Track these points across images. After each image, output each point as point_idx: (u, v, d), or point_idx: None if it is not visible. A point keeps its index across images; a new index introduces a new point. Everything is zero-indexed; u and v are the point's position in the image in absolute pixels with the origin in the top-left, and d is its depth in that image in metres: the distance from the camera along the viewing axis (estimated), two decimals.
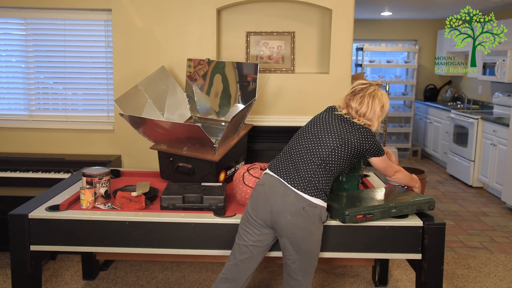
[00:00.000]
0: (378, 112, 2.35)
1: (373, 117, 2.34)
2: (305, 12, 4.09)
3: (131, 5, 3.88)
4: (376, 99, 2.36)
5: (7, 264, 3.49)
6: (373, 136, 2.33)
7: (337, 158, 2.25)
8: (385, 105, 2.40)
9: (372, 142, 2.33)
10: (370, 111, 2.33)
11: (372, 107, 2.34)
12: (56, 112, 4.21)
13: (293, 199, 2.18)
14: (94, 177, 2.57)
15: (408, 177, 2.62)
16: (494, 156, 5.52)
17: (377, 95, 2.37)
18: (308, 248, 2.22)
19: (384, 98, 2.39)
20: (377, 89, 2.41)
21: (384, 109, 2.39)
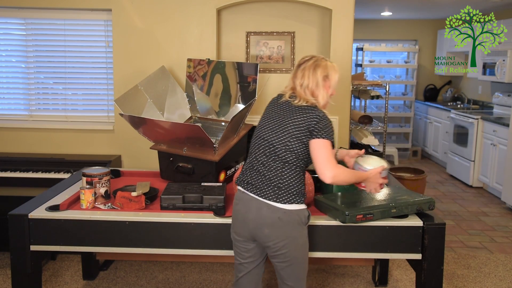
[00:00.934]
0: (321, 82, 2.17)
1: (315, 89, 2.18)
2: (305, 12, 4.09)
3: (131, 5, 3.88)
4: (318, 69, 2.18)
5: (7, 264, 3.49)
6: (319, 111, 2.15)
7: (293, 150, 2.12)
8: (330, 75, 2.20)
9: (318, 117, 2.12)
10: (312, 82, 2.17)
11: (313, 77, 2.17)
12: (56, 112, 4.21)
13: (266, 212, 2.10)
14: (94, 177, 2.56)
15: (353, 176, 2.25)
16: (494, 156, 5.52)
17: (320, 65, 2.19)
18: (293, 254, 2.14)
19: (329, 68, 2.20)
20: (320, 59, 2.22)
21: (330, 79, 2.20)
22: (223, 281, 3.37)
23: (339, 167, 2.11)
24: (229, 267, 3.57)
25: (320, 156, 2.09)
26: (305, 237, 2.18)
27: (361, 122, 4.31)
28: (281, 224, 2.10)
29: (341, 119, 4.03)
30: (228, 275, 3.45)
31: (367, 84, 4.34)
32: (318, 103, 2.18)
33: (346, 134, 4.06)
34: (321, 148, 2.09)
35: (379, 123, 4.45)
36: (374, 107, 7.89)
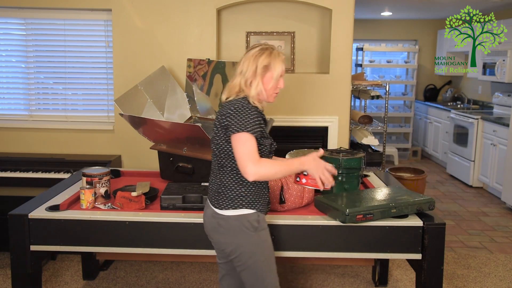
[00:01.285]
0: (259, 71, 2.01)
1: (251, 78, 2.02)
2: (305, 12, 4.09)
3: (131, 5, 3.88)
4: (260, 57, 2.02)
5: (7, 264, 3.49)
6: (236, 103, 1.99)
7: (224, 152, 2.03)
8: (272, 65, 2.03)
9: (232, 110, 1.96)
10: (250, 70, 2.02)
11: (252, 65, 2.02)
12: (56, 112, 4.21)
13: (211, 218, 2.09)
14: (94, 177, 2.56)
15: (282, 166, 2.00)
16: (494, 156, 5.52)
17: (263, 53, 2.03)
18: (243, 260, 2.05)
19: (272, 58, 2.03)
20: (266, 48, 2.05)
21: (272, 70, 2.03)
22: None
23: (261, 161, 1.93)
24: None
25: (237, 154, 1.94)
26: (254, 243, 2.05)
27: (361, 122, 4.31)
28: (223, 231, 2.06)
29: (341, 119, 4.03)
30: None
31: (367, 84, 4.34)
32: (249, 94, 2.03)
33: (346, 134, 4.06)
34: (237, 144, 1.94)
35: (379, 123, 4.44)
36: (374, 107, 7.89)
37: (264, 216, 2.12)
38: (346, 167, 2.63)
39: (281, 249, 2.37)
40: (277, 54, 2.06)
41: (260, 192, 2.10)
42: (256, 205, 2.08)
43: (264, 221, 2.11)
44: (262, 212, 2.11)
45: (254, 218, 2.05)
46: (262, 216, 2.10)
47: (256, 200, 2.07)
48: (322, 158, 2.68)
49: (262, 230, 2.08)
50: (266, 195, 2.15)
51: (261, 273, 2.08)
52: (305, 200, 2.57)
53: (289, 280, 3.40)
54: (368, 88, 4.43)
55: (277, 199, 2.48)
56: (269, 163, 1.96)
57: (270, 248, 2.12)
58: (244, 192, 2.05)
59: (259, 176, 1.93)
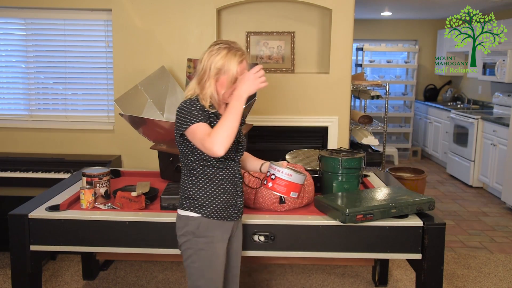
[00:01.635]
0: (213, 73, 1.92)
1: (205, 78, 1.95)
2: (305, 12, 4.09)
3: (131, 5, 3.88)
4: (215, 57, 1.92)
5: (7, 264, 3.49)
6: (181, 104, 1.94)
7: (181, 153, 2.01)
8: (227, 67, 1.91)
9: (178, 111, 1.93)
10: (202, 69, 1.95)
11: (205, 63, 1.94)
12: (56, 112, 4.21)
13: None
14: (94, 177, 2.56)
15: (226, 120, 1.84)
16: (494, 156, 5.52)
17: (219, 53, 1.92)
18: (183, 259, 2.05)
19: (227, 60, 1.91)
20: (223, 48, 1.93)
21: (226, 73, 1.92)
22: None
23: (212, 131, 1.84)
24: None
25: (197, 143, 1.89)
26: (190, 248, 2.00)
27: (361, 122, 4.31)
28: (176, 228, 2.07)
29: (341, 119, 4.04)
30: None
31: (367, 84, 4.34)
32: (199, 95, 1.96)
33: (346, 134, 4.06)
34: (192, 138, 1.90)
35: (379, 123, 4.45)
36: (374, 107, 7.89)
37: (212, 223, 2.01)
38: (346, 167, 2.62)
39: (281, 249, 2.37)
40: (233, 54, 1.93)
41: (213, 197, 2.01)
42: (203, 210, 2.00)
43: (208, 229, 2.00)
44: (211, 218, 2.00)
45: (195, 222, 1.99)
46: (207, 223, 2.00)
47: (204, 204, 2.00)
48: (321, 158, 2.68)
49: (202, 238, 1.99)
50: (223, 201, 2.02)
51: (194, 278, 2.03)
52: (305, 200, 2.57)
53: (289, 280, 3.40)
54: (368, 88, 4.44)
55: (277, 199, 2.48)
56: (217, 126, 1.84)
57: (208, 258, 2.01)
58: (194, 194, 2.01)
59: (220, 143, 1.80)
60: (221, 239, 2.05)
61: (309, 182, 2.60)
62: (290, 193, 2.13)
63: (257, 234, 2.35)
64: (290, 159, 3.08)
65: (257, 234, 2.35)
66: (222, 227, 2.05)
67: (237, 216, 2.11)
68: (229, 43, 1.97)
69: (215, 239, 2.02)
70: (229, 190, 2.05)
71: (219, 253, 2.04)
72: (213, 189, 2.01)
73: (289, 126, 4.08)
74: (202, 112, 1.92)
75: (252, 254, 2.42)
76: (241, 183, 2.12)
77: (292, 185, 2.12)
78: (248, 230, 2.35)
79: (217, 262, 2.03)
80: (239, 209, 2.11)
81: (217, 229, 2.03)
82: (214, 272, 2.03)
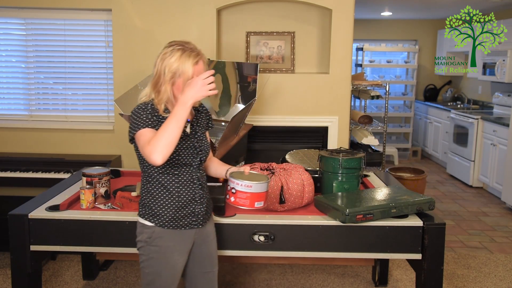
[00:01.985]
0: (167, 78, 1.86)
1: (159, 79, 1.89)
2: (305, 12, 4.09)
3: (131, 5, 3.88)
4: (169, 59, 1.86)
5: (7, 264, 3.49)
6: (136, 107, 1.89)
7: (139, 162, 2.00)
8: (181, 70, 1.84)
9: (132, 111, 1.88)
10: (156, 73, 1.89)
11: (159, 66, 1.88)
12: (56, 112, 4.21)
13: None
14: (94, 177, 2.56)
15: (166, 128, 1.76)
16: (494, 156, 5.52)
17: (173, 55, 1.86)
18: (140, 262, 2.05)
19: (181, 62, 1.84)
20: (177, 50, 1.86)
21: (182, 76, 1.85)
22: (223, 281, 3.36)
23: (151, 141, 1.76)
24: (229, 267, 3.57)
25: (140, 150, 1.85)
26: (143, 254, 2.00)
27: (361, 122, 4.31)
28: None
29: (341, 119, 4.03)
30: (228, 275, 3.45)
31: (367, 84, 4.34)
32: (158, 99, 1.90)
33: (346, 134, 4.06)
34: (138, 143, 1.85)
35: (379, 123, 4.45)
36: (374, 107, 7.89)
37: (166, 233, 1.97)
38: (346, 167, 2.62)
39: (281, 249, 2.37)
40: (187, 56, 1.85)
41: (167, 206, 1.96)
42: (156, 219, 1.96)
43: (162, 238, 1.96)
44: (165, 227, 1.96)
45: (149, 231, 1.97)
46: (160, 232, 1.96)
47: (158, 214, 1.96)
48: (321, 158, 2.68)
49: (154, 247, 1.97)
50: (178, 210, 1.97)
51: (145, 283, 2.05)
52: (305, 200, 2.57)
53: (289, 280, 3.40)
54: (368, 88, 4.44)
55: (277, 199, 2.48)
56: (157, 133, 1.77)
57: (159, 267, 1.98)
58: (148, 202, 1.99)
59: (159, 152, 1.74)
60: (176, 249, 2.00)
61: (309, 182, 2.60)
62: (255, 204, 2.01)
63: (257, 234, 2.35)
64: (290, 159, 3.09)
65: (257, 234, 2.35)
66: (178, 236, 2.00)
67: (196, 224, 2.03)
68: (183, 44, 1.89)
69: (168, 250, 1.98)
70: (185, 198, 1.99)
71: (172, 263, 2.00)
72: (167, 197, 1.96)
73: (289, 126, 4.07)
74: (152, 116, 1.87)
75: (252, 254, 2.42)
76: (202, 189, 2.04)
77: (255, 195, 2.00)
78: (248, 230, 2.35)
79: (168, 272, 2.00)
80: (199, 217, 2.03)
81: (171, 239, 1.98)
82: (164, 281, 2.00)
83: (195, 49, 1.90)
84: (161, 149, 1.74)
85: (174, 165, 1.95)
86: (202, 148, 2.04)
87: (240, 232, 2.36)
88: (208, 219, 2.13)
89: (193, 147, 1.99)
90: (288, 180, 2.52)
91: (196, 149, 2.01)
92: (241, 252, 2.41)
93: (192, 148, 1.99)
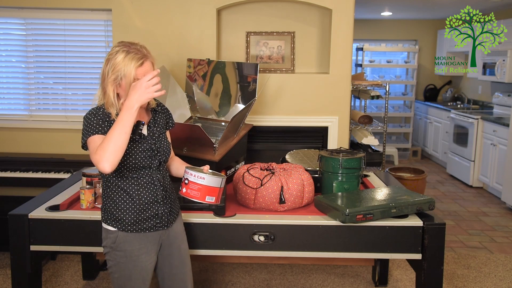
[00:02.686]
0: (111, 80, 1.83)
1: (103, 81, 1.87)
2: (305, 12, 4.09)
3: (131, 5, 3.88)
4: (112, 61, 1.83)
5: (7, 264, 3.49)
6: (92, 110, 1.89)
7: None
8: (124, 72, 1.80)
9: (84, 117, 1.89)
10: (102, 76, 1.87)
11: (104, 69, 1.86)
12: (56, 112, 4.21)
13: None
14: (94, 177, 2.57)
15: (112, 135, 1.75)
16: (494, 156, 5.52)
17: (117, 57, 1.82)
18: (108, 268, 2.04)
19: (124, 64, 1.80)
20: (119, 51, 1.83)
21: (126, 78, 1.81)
22: (223, 281, 3.37)
23: (97, 151, 1.77)
24: (229, 267, 3.57)
25: (91, 158, 1.82)
26: (110, 259, 1.99)
27: (361, 122, 4.31)
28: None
29: (341, 119, 4.03)
30: (228, 275, 3.45)
31: (367, 84, 4.34)
32: (106, 102, 1.89)
33: (346, 134, 4.06)
34: (89, 151, 1.86)
35: (379, 123, 4.45)
36: (374, 107, 7.89)
37: (129, 237, 1.95)
38: (346, 167, 2.63)
39: (281, 249, 2.37)
40: (130, 58, 1.81)
41: (128, 210, 1.94)
42: (118, 224, 1.95)
43: (126, 242, 1.95)
44: (128, 231, 1.95)
45: (113, 236, 1.96)
46: (124, 237, 1.95)
47: (119, 218, 1.95)
48: (321, 158, 2.68)
49: (119, 251, 1.96)
50: (139, 213, 1.96)
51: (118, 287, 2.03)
52: (305, 200, 2.57)
53: (289, 280, 3.40)
54: (368, 88, 4.43)
55: (277, 199, 2.49)
56: (103, 141, 1.76)
57: (127, 271, 1.98)
58: (110, 207, 1.97)
59: (106, 160, 1.73)
60: (142, 252, 1.98)
61: (309, 182, 2.60)
62: (206, 198, 1.97)
63: (257, 234, 2.35)
64: (290, 159, 3.09)
65: (257, 234, 2.35)
66: (143, 239, 1.98)
67: (161, 226, 2.02)
68: (128, 45, 1.85)
69: (133, 253, 1.97)
70: (146, 200, 1.97)
71: (141, 265, 1.99)
72: (128, 201, 1.95)
73: (289, 126, 4.07)
74: (103, 122, 1.86)
75: (252, 254, 2.42)
76: (164, 191, 2.02)
77: (206, 188, 1.96)
78: (248, 230, 2.35)
79: (138, 275, 1.99)
80: (163, 218, 2.02)
81: (136, 242, 1.97)
82: (135, 284, 2.00)
83: (140, 51, 1.85)
84: (108, 157, 1.73)
85: (131, 169, 1.93)
86: (161, 149, 2.01)
87: (240, 232, 2.37)
88: (174, 220, 2.11)
89: (150, 149, 1.96)
90: (288, 180, 2.52)
91: (153, 151, 1.97)
92: (241, 252, 2.41)
93: (149, 151, 1.96)
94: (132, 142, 1.91)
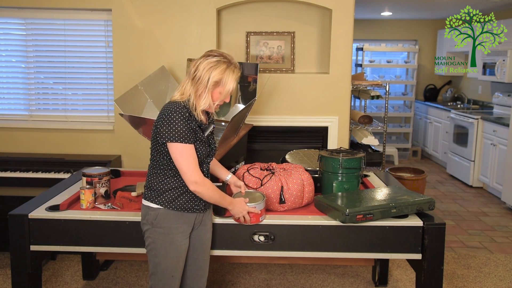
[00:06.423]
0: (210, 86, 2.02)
1: (202, 88, 2.03)
2: (305, 12, 4.09)
3: (131, 5, 3.88)
4: (214, 70, 2.02)
5: (7, 264, 3.49)
6: (171, 105, 2.01)
7: (153, 146, 2.10)
8: (224, 81, 2.04)
9: (163, 113, 2.01)
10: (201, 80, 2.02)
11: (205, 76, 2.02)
12: (56, 112, 4.21)
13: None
14: (94, 177, 2.57)
15: (217, 195, 2.13)
16: (494, 156, 5.52)
17: (218, 67, 2.03)
18: (145, 246, 2.17)
19: (226, 74, 2.03)
20: (223, 62, 2.04)
21: (222, 86, 2.04)
22: (223, 281, 3.37)
23: (205, 181, 2.06)
24: (229, 267, 3.57)
25: (179, 165, 2.02)
26: (150, 236, 2.12)
27: (361, 122, 4.31)
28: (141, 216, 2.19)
29: (341, 119, 4.04)
30: (228, 275, 3.45)
31: (367, 84, 4.34)
32: (197, 105, 2.05)
33: (346, 134, 4.06)
34: (177, 155, 2.01)
35: (379, 123, 4.45)
36: (374, 107, 7.89)
37: (170, 214, 2.10)
38: (346, 167, 2.62)
39: (281, 249, 2.37)
40: (231, 71, 2.06)
41: (174, 189, 2.10)
42: (161, 200, 2.10)
43: (166, 220, 2.10)
44: (170, 209, 2.09)
45: (154, 213, 2.11)
46: (165, 214, 2.10)
47: (163, 194, 2.09)
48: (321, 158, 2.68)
49: (159, 228, 2.11)
50: (183, 193, 2.11)
51: (152, 265, 2.15)
52: (305, 200, 2.57)
53: (289, 280, 3.40)
54: (368, 88, 4.44)
55: (277, 199, 2.49)
56: (210, 188, 2.08)
57: (164, 248, 2.11)
58: (156, 185, 2.11)
59: (198, 192, 2.06)
60: (179, 231, 2.13)
61: (309, 182, 2.60)
62: (260, 219, 2.31)
63: (257, 234, 2.35)
64: (290, 159, 3.09)
65: (257, 234, 2.35)
66: (181, 219, 2.13)
67: (199, 209, 2.18)
68: (227, 56, 2.08)
69: (171, 231, 2.11)
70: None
71: (176, 243, 2.12)
72: (174, 180, 2.10)
73: (289, 126, 4.07)
74: (189, 124, 2.01)
75: (252, 254, 2.42)
76: (208, 178, 2.19)
77: (258, 214, 2.30)
78: (248, 230, 2.35)
79: (174, 253, 2.12)
80: (201, 202, 2.17)
81: (174, 220, 2.11)
82: (170, 261, 2.12)
83: (237, 64, 2.11)
84: (199, 193, 2.06)
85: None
86: (213, 148, 2.25)
87: (240, 232, 2.37)
88: (209, 207, 2.27)
89: (208, 146, 2.17)
90: (288, 180, 2.52)
91: (210, 148, 2.19)
92: (241, 252, 2.41)
93: (207, 146, 2.16)
94: (200, 141, 2.09)
